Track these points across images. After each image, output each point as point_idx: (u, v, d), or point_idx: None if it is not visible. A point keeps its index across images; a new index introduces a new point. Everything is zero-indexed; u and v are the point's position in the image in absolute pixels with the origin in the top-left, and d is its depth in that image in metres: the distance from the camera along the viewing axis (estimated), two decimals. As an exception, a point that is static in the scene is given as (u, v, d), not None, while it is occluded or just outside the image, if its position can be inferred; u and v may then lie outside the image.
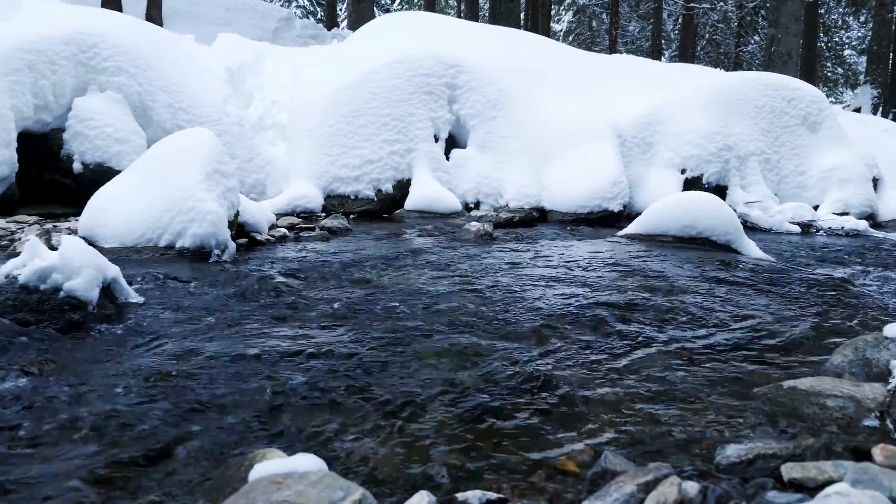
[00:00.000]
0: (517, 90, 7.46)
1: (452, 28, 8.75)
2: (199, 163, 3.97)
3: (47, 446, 1.47)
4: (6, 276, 2.50)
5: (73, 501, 1.18)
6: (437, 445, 1.50)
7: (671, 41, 28.66)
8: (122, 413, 1.65)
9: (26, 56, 6.20)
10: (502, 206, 6.87)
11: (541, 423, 1.68)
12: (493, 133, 7.20)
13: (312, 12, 31.69)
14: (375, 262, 3.83)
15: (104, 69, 6.64)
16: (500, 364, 2.07)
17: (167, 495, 1.26)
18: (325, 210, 6.58)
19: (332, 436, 1.51)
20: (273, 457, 1.24)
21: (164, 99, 6.91)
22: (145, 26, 7.87)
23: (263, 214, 4.74)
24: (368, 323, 2.51)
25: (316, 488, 0.95)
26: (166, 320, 2.50)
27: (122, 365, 2.01)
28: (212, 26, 16.12)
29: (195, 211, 3.78)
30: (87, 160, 6.32)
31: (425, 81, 7.21)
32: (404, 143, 6.92)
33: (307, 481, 0.97)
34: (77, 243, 2.59)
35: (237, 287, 3.05)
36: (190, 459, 1.41)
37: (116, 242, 3.84)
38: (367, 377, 1.91)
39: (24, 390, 1.79)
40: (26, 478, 1.32)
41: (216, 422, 1.61)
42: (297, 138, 7.07)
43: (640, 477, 1.13)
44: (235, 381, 1.87)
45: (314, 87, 7.43)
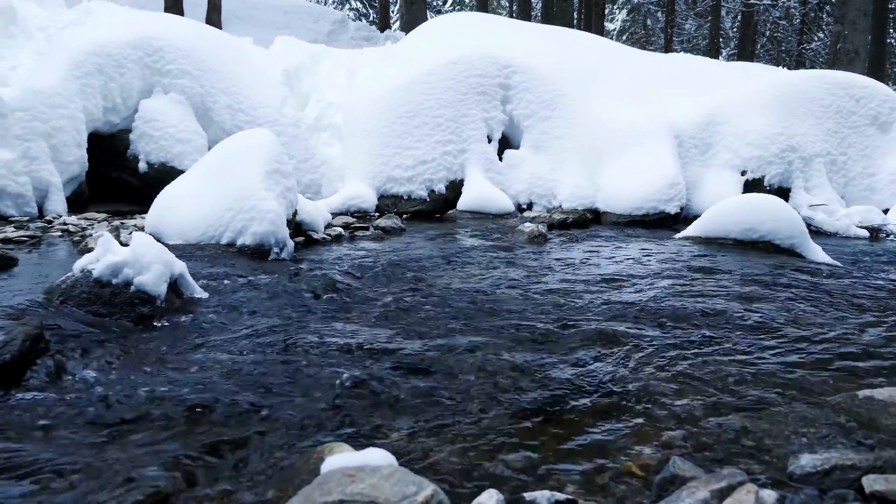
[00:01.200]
0: (572, 90, 7.39)
1: (506, 28, 8.72)
2: (259, 163, 4.06)
3: (124, 434, 1.53)
4: (81, 270, 2.60)
5: (150, 487, 1.23)
6: (499, 444, 1.50)
7: (729, 39, 27.91)
8: (192, 404, 1.70)
9: (97, 60, 6.47)
10: (555, 207, 6.81)
11: (603, 425, 1.66)
12: (547, 133, 7.15)
13: (365, 14, 32.09)
14: (430, 262, 3.85)
15: (168, 72, 6.87)
16: (559, 366, 2.05)
17: (238, 484, 1.29)
18: (379, 210, 6.65)
19: (397, 431, 1.53)
20: (341, 450, 1.26)
21: (224, 100, 7.11)
22: (207, 30, 8.11)
23: (320, 214, 4.82)
24: (426, 322, 2.52)
25: (389, 482, 0.96)
26: (230, 315, 2.57)
27: (191, 358, 2.07)
28: (268, 29, 16.50)
29: (256, 210, 3.87)
30: (151, 160, 6.56)
31: (479, 82, 7.21)
32: (457, 144, 6.93)
33: (379, 475, 0.98)
34: (147, 240, 2.69)
35: (297, 284, 3.11)
36: (258, 450, 1.45)
37: (180, 239, 3.96)
38: (428, 375, 1.92)
39: (100, 380, 1.87)
40: (106, 464, 1.37)
41: (282, 414, 1.64)
42: (352, 139, 7.16)
43: (714, 483, 1.10)
44: (299, 375, 1.91)
45: (369, 88, 7.52)
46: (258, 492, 1.26)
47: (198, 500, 1.22)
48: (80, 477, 1.30)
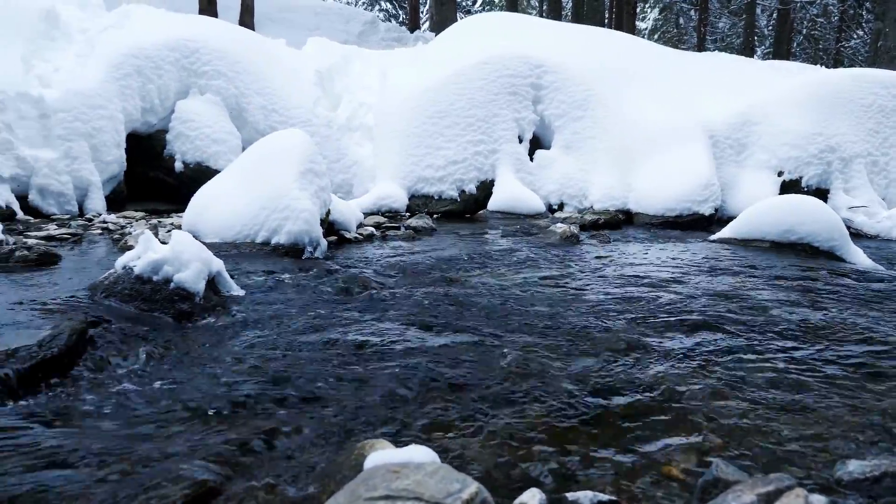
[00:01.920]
0: (604, 90, 7.33)
1: (537, 28, 8.69)
2: (293, 163, 4.11)
3: (168, 427, 1.56)
4: (123, 267, 2.66)
5: (197, 479, 1.25)
6: (537, 444, 1.49)
7: (764, 37, 27.40)
8: (232, 399, 1.73)
9: (135, 61, 6.61)
10: (587, 207, 6.77)
11: (641, 427, 1.64)
12: (579, 134, 7.10)
13: (395, 15, 32.23)
14: (462, 261, 3.86)
15: (204, 73, 6.99)
16: (594, 366, 2.04)
17: (281, 478, 1.31)
18: (410, 210, 6.67)
19: (434, 429, 1.53)
20: (382, 447, 1.27)
21: (258, 101, 7.20)
22: (241, 32, 8.23)
23: (352, 213, 4.86)
24: (460, 321, 2.52)
25: (433, 479, 0.97)
26: (267, 313, 2.60)
27: (230, 353, 2.10)
28: (299, 31, 16.68)
29: (290, 209, 3.91)
30: (187, 160, 6.68)
31: (510, 82, 7.20)
32: (488, 144, 6.93)
33: (424, 472, 0.98)
34: (186, 238, 2.73)
35: (331, 282, 3.14)
36: (298, 445, 1.46)
37: (216, 238, 4.02)
38: (464, 374, 1.92)
39: (143, 374, 1.91)
40: (152, 456, 1.40)
41: (321, 410, 1.66)
42: (384, 139, 7.20)
43: (760, 487, 1.08)
44: (336, 372, 1.92)
45: (400, 88, 7.56)
46: (300, 486, 1.27)
47: (243, 492, 1.24)
48: (128, 468, 1.33)
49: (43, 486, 1.26)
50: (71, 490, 1.25)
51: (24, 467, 1.33)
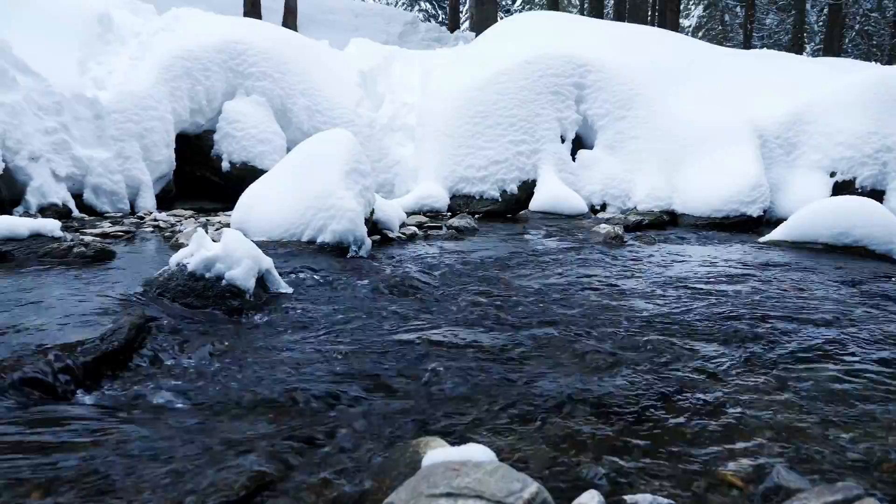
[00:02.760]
0: (648, 89, 7.22)
1: (580, 27, 8.61)
2: (339, 162, 4.16)
3: (224, 420, 1.60)
4: (177, 264, 2.73)
5: (255, 472, 1.27)
6: (591, 446, 1.48)
7: (814, 34, 26.63)
8: (284, 394, 1.76)
9: (185, 64, 6.78)
10: (630, 208, 6.68)
11: (696, 432, 1.61)
12: (623, 133, 7.02)
13: (434, 15, 32.32)
14: (506, 261, 3.85)
15: (250, 74, 7.12)
16: (647, 369, 2.01)
17: (336, 473, 1.32)
18: (451, 209, 6.69)
19: (487, 428, 1.53)
20: (437, 445, 1.28)
21: (302, 102, 7.31)
22: (286, 33, 8.35)
23: (395, 212, 4.89)
24: (506, 321, 2.52)
25: (493, 478, 0.97)
26: (315, 310, 2.64)
27: (281, 350, 2.14)
28: (342, 32, 16.86)
29: (335, 208, 3.96)
30: (234, 159, 6.81)
31: (553, 81, 7.15)
32: (530, 144, 6.90)
33: (483, 470, 0.99)
34: (237, 236, 2.79)
35: (376, 281, 3.17)
36: (352, 441, 1.48)
37: (264, 236, 4.09)
38: (513, 374, 1.92)
39: (198, 368, 1.95)
40: (209, 448, 1.43)
41: (373, 407, 1.67)
42: (425, 139, 7.23)
43: (828, 496, 1.05)
44: (386, 369, 1.94)
45: (442, 88, 7.57)
46: (356, 481, 1.29)
47: (299, 486, 1.26)
48: (189, 458, 1.36)
49: (108, 473, 1.31)
50: (135, 478, 1.29)
51: (90, 455, 1.38)
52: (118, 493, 1.23)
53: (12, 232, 3.68)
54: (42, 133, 5.59)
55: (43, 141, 5.56)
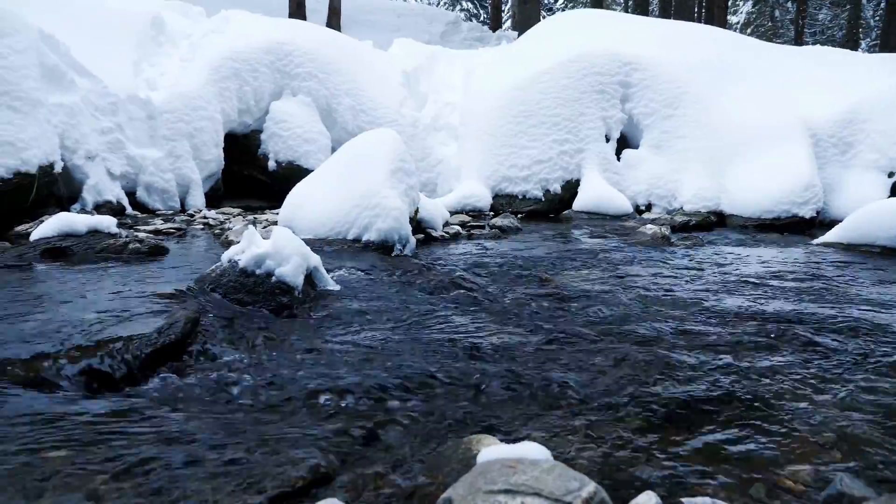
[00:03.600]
0: (696, 87, 7.09)
1: (625, 24, 8.50)
2: (384, 161, 4.19)
3: (277, 414, 1.63)
4: (229, 260, 2.79)
5: (311, 466, 1.29)
6: (644, 447, 1.46)
7: (870, 29, 25.72)
8: (335, 388, 1.78)
9: (233, 65, 6.92)
10: (676, 208, 6.56)
11: (753, 436, 1.57)
12: (669, 132, 6.90)
13: (476, 15, 32.29)
14: (550, 261, 3.82)
15: (297, 75, 7.24)
16: (697, 372, 1.97)
17: (389, 468, 1.34)
18: (493, 209, 6.68)
19: (540, 427, 1.53)
20: (490, 442, 1.28)
21: (347, 102, 7.39)
22: (331, 34, 8.46)
23: (439, 212, 4.91)
24: (552, 321, 2.50)
25: (551, 476, 0.96)
26: (362, 307, 2.67)
27: (330, 345, 2.17)
28: (384, 32, 16.99)
29: (380, 207, 3.99)
30: (280, 159, 6.93)
31: (598, 80, 7.08)
32: (574, 144, 6.84)
33: (540, 469, 0.98)
34: (286, 233, 2.84)
35: (421, 280, 3.18)
36: (404, 437, 1.49)
37: (310, 234, 4.16)
38: (561, 373, 1.91)
39: (250, 363, 1.99)
40: (264, 441, 1.46)
41: (422, 404, 1.68)
42: (468, 138, 7.24)
43: (897, 505, 1.02)
44: (434, 367, 1.95)
45: (485, 88, 7.57)
46: (409, 476, 1.30)
47: (354, 479, 1.28)
48: (246, 451, 1.39)
49: (168, 462, 1.34)
50: (194, 468, 1.32)
51: (150, 445, 1.42)
52: (178, 481, 1.27)
53: (71, 228, 3.81)
54: (98, 133, 5.78)
55: (99, 140, 5.75)
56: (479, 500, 0.92)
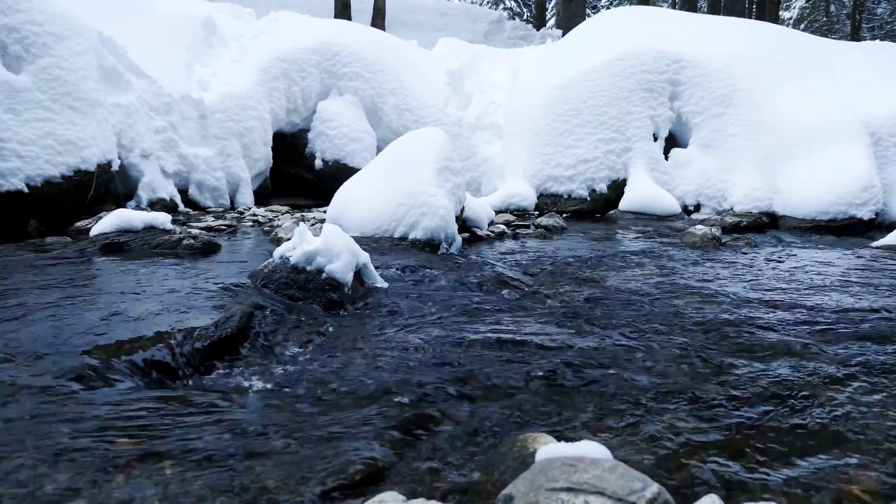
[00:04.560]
0: (748, 84, 6.91)
1: (674, 21, 8.34)
2: (431, 160, 4.21)
3: (330, 408, 1.65)
4: (280, 257, 2.84)
5: (366, 459, 1.31)
6: (700, 449, 1.43)
7: (932, 24, 24.68)
8: (387, 385, 1.80)
9: (282, 65, 7.05)
10: (726, 209, 6.42)
11: (815, 441, 1.53)
12: (719, 131, 6.75)
13: (519, 13, 32.14)
14: (597, 261, 3.78)
15: (343, 74, 7.32)
16: (756, 376, 1.93)
17: (444, 464, 1.34)
18: (538, 208, 6.64)
19: (594, 427, 1.52)
20: (546, 441, 1.27)
21: (392, 101, 7.45)
22: (377, 34, 8.54)
23: (484, 211, 4.91)
24: (601, 320, 2.48)
25: (613, 475, 0.96)
26: (410, 305, 2.69)
27: (381, 342, 2.19)
28: (426, 31, 17.06)
29: (427, 205, 4.01)
30: (326, 157, 7.03)
31: (646, 78, 6.97)
32: (621, 143, 6.75)
33: (602, 468, 0.98)
34: (336, 230, 2.88)
35: (469, 278, 3.19)
36: (457, 433, 1.50)
37: (357, 232, 4.20)
38: (614, 374, 1.89)
39: (303, 357, 2.03)
40: (319, 434, 1.48)
41: (474, 401, 1.69)
42: (513, 137, 7.21)
43: (976, 517, 0.98)
44: (485, 365, 1.95)
45: (530, 86, 7.53)
46: (464, 472, 1.30)
47: (410, 474, 1.29)
48: (302, 443, 1.42)
49: (229, 451, 1.37)
50: (253, 458, 1.35)
51: (211, 434, 1.46)
52: (239, 469, 1.30)
53: (128, 224, 3.93)
54: (153, 132, 5.95)
55: (153, 139, 5.92)
56: (541, 498, 0.92)
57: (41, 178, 4.68)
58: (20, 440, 1.35)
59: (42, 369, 1.73)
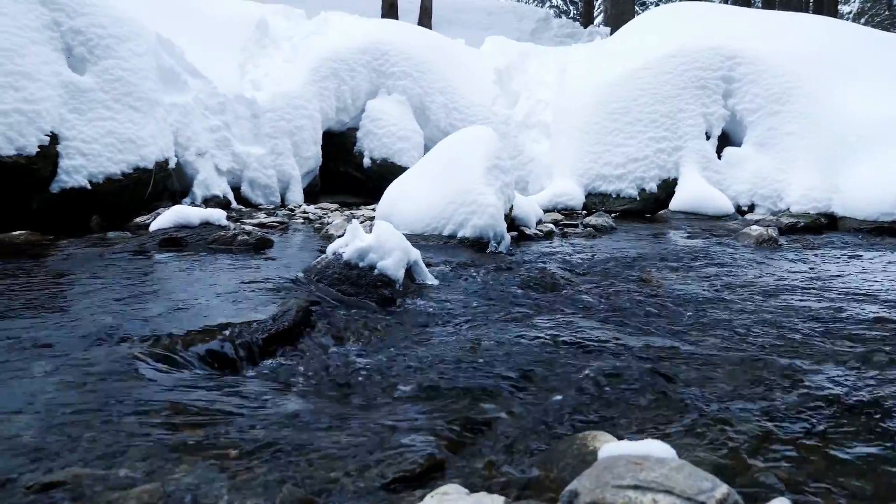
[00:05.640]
0: (806, 81, 6.70)
1: (729, 17, 8.14)
2: (480, 159, 4.21)
3: (385, 402, 1.67)
4: (333, 253, 2.88)
5: (425, 453, 1.32)
6: (766, 453, 1.40)
7: None
8: (441, 380, 1.80)
9: (332, 65, 7.15)
10: (782, 210, 6.24)
11: (882, 451, 1.48)
12: (776, 129, 6.56)
13: (565, 11, 31.82)
14: (649, 261, 3.72)
15: (392, 74, 7.38)
16: (818, 382, 1.87)
17: (501, 459, 1.34)
18: (586, 207, 6.57)
19: (652, 427, 1.49)
20: (606, 439, 1.26)
21: (440, 100, 7.47)
22: (425, 33, 8.58)
23: (532, 209, 4.89)
24: (654, 321, 2.44)
25: (681, 474, 0.94)
26: (461, 302, 2.69)
27: (433, 338, 2.20)
28: (472, 30, 17.05)
29: (476, 204, 4.02)
30: (374, 156, 7.10)
31: (699, 75, 6.82)
32: (672, 141, 6.62)
33: (669, 467, 0.96)
34: (388, 227, 2.91)
35: (517, 276, 3.18)
36: (512, 430, 1.50)
37: (406, 230, 4.23)
38: (669, 374, 1.85)
39: (357, 351, 2.06)
40: (376, 428, 1.50)
41: (528, 398, 1.68)
42: (561, 136, 7.16)
43: None
44: (538, 363, 1.94)
45: (579, 84, 7.46)
46: (521, 468, 1.30)
47: (469, 468, 1.29)
48: (357, 435, 1.43)
49: (290, 441, 1.40)
50: (314, 448, 1.38)
51: (271, 424, 1.49)
52: (300, 459, 1.32)
53: (186, 220, 4.05)
54: (207, 131, 6.11)
55: (208, 138, 6.08)
56: (608, 494, 0.91)
57: (103, 175, 4.86)
58: (93, 425, 1.40)
59: (110, 358, 1.80)
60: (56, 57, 4.89)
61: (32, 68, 4.58)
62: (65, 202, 4.67)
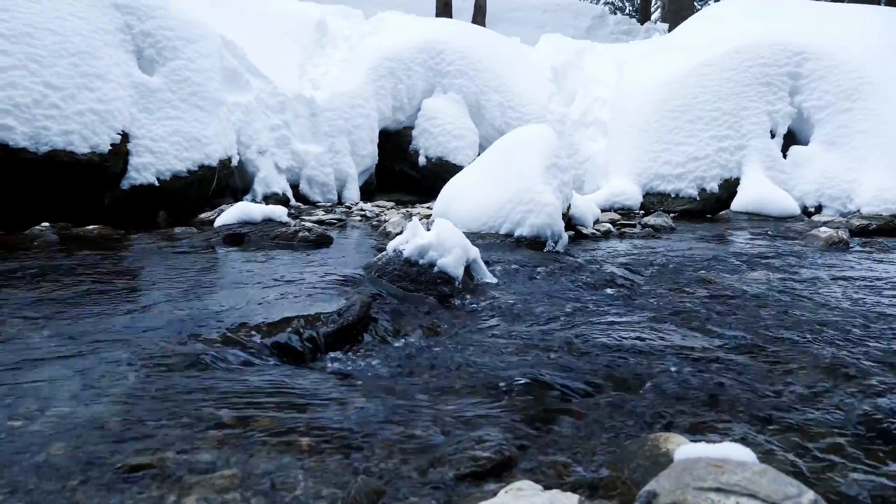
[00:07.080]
0: (880, 77, 6.41)
1: (796, 10, 7.86)
2: (539, 157, 4.19)
3: (452, 398, 1.68)
4: (394, 250, 2.92)
5: (496, 448, 1.33)
6: (846, 461, 1.35)
7: None
8: (506, 377, 1.80)
9: (389, 64, 7.22)
10: (851, 211, 5.99)
11: (975, 462, 1.41)
12: (846, 127, 6.30)
13: (621, 7, 31.29)
14: (711, 262, 3.63)
15: (448, 73, 7.41)
16: (884, 388, 1.79)
17: (570, 458, 1.34)
18: (643, 207, 6.46)
19: (723, 430, 1.46)
20: (679, 441, 1.24)
21: (495, 98, 7.46)
22: (480, 32, 8.57)
23: (589, 209, 4.83)
24: (720, 323, 2.38)
25: (764, 479, 0.92)
26: (520, 300, 2.68)
27: (494, 335, 2.20)
28: (529, 28, 16.95)
29: (534, 202, 3.99)
30: (429, 154, 7.14)
31: (763, 72, 6.61)
32: (734, 140, 6.44)
33: (751, 471, 0.94)
34: (448, 225, 2.92)
35: (577, 276, 3.15)
36: (579, 429, 1.48)
37: (463, 228, 4.23)
38: (741, 377, 1.81)
39: (420, 347, 2.07)
40: (445, 422, 1.51)
41: (593, 398, 1.67)
42: (618, 134, 7.05)
43: None
44: (602, 363, 1.92)
45: (637, 82, 7.33)
46: (591, 468, 1.29)
47: (538, 465, 1.29)
48: (424, 429, 1.45)
49: (359, 432, 1.43)
50: (381, 440, 1.40)
51: (339, 415, 1.52)
52: (370, 450, 1.34)
53: (249, 216, 4.16)
54: (268, 129, 6.26)
55: (269, 136, 6.23)
56: (689, 496, 0.90)
57: (170, 172, 5.03)
58: (172, 412, 1.46)
59: (185, 348, 1.87)
60: (127, 58, 5.09)
61: (105, 70, 4.78)
62: (134, 198, 4.86)
